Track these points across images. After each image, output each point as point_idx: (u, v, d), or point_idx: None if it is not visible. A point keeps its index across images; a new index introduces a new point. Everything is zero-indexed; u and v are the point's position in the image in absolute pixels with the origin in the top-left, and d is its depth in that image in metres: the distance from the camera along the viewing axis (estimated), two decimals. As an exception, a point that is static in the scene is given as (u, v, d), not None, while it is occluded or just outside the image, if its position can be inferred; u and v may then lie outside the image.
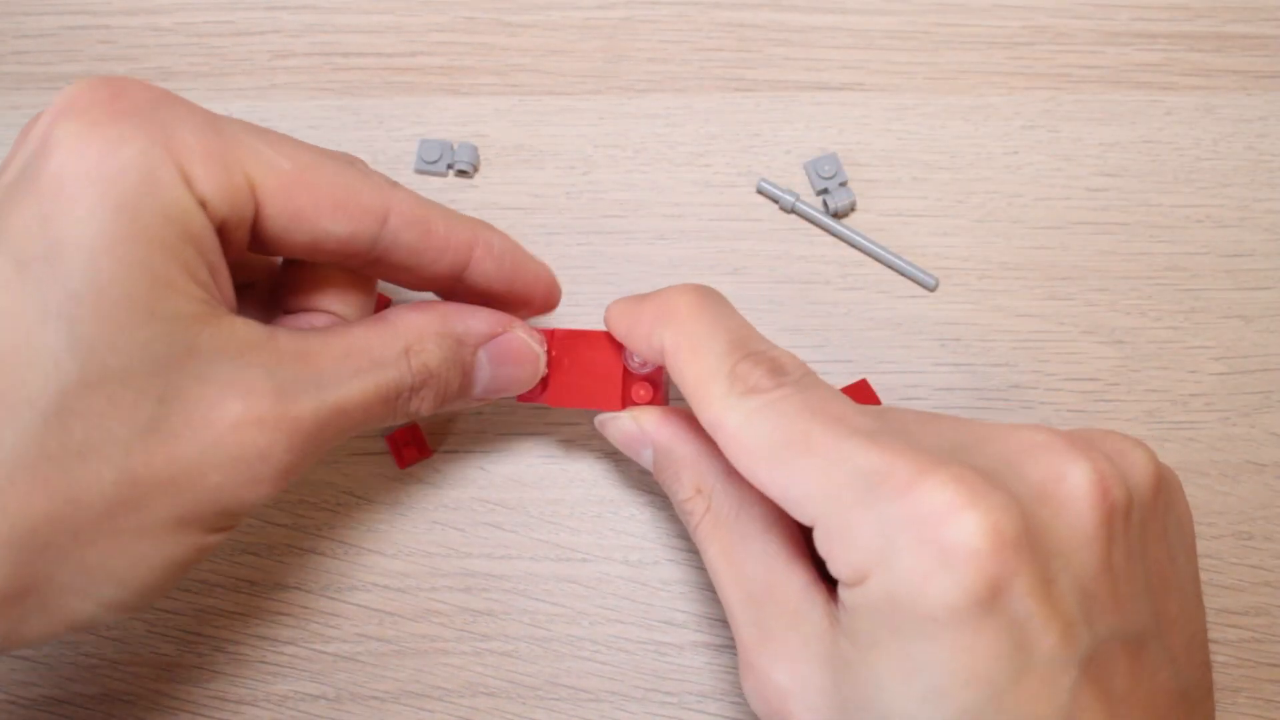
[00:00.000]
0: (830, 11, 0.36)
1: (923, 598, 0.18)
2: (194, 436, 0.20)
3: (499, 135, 0.35)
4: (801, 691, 0.21)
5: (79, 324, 0.18)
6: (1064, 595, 0.19)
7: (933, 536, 0.18)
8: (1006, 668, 0.18)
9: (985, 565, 0.18)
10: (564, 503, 0.31)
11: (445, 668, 0.29)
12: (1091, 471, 0.20)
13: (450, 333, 0.25)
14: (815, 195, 0.34)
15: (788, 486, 0.20)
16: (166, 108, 0.20)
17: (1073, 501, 0.20)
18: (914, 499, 0.19)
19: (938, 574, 0.18)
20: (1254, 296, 0.33)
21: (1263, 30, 0.36)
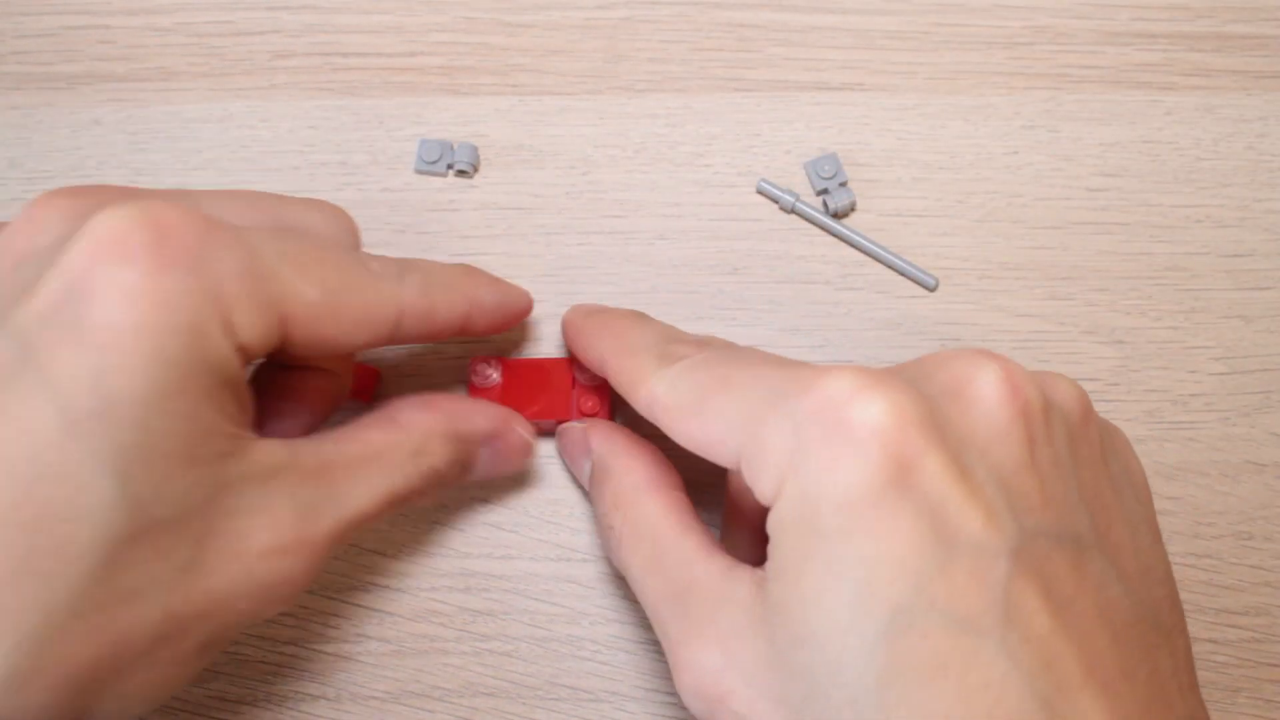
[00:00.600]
0: (830, 11, 0.36)
1: (832, 487, 0.18)
2: (226, 570, 0.21)
3: (499, 135, 0.35)
4: (733, 663, 0.20)
5: (129, 480, 0.19)
6: (982, 483, 0.19)
7: (835, 421, 0.18)
8: (929, 554, 0.18)
9: (890, 441, 0.18)
10: (564, 503, 0.31)
11: (445, 668, 0.29)
12: (999, 371, 0.20)
13: (456, 434, 0.26)
14: (815, 195, 0.34)
15: (710, 428, 0.21)
16: (210, 249, 0.20)
17: (981, 399, 0.20)
18: (817, 392, 0.19)
19: (843, 458, 0.18)
20: (1254, 296, 0.33)
21: (1263, 30, 0.36)
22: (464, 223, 0.34)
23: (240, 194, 0.25)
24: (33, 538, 0.18)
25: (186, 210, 0.20)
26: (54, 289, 0.19)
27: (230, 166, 0.35)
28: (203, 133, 0.35)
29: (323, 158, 0.35)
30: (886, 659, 0.18)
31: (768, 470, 0.20)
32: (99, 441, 0.18)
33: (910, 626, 0.17)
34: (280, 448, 0.22)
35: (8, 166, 0.35)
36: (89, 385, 0.18)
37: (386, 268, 0.25)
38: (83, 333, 0.18)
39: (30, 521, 0.18)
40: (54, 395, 0.18)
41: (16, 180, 0.35)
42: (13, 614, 0.18)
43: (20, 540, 0.18)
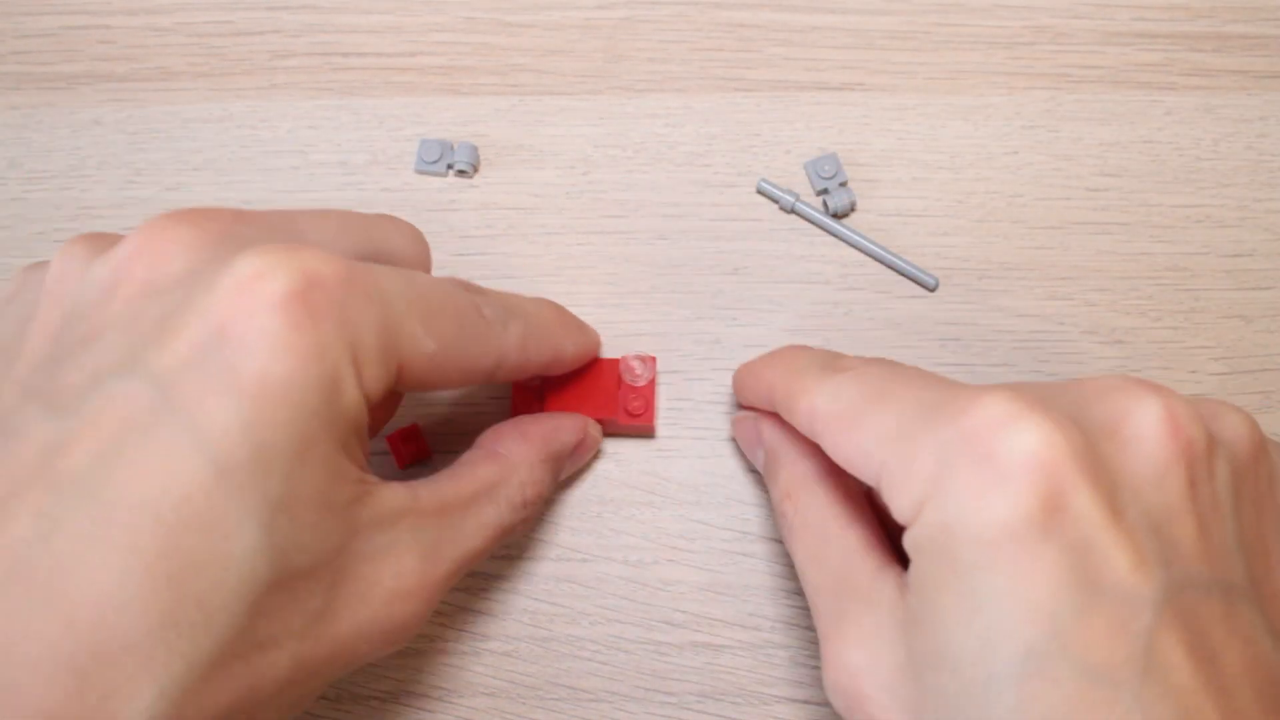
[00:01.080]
0: (830, 11, 0.36)
1: (975, 518, 0.18)
2: (354, 617, 0.21)
3: (499, 135, 0.35)
4: (874, 668, 0.20)
5: (274, 530, 0.19)
6: (1134, 526, 0.18)
7: (984, 451, 0.18)
8: (1069, 598, 0.17)
9: (1039, 478, 0.17)
10: (564, 503, 0.31)
11: (445, 668, 0.29)
12: (1162, 409, 0.19)
13: (552, 456, 0.28)
14: (815, 195, 0.34)
15: (862, 440, 0.21)
16: (352, 303, 0.20)
17: (1140, 438, 0.19)
18: (968, 418, 0.18)
19: (989, 490, 0.17)
20: (1254, 296, 0.33)
21: (1263, 30, 0.36)
22: (464, 223, 0.34)
23: (332, 215, 0.25)
24: (180, 588, 0.18)
25: (330, 258, 0.20)
26: (197, 333, 0.19)
27: (230, 166, 0.35)
28: (203, 133, 0.35)
29: (323, 158, 0.35)
30: (1015, 700, 0.17)
31: (908, 490, 0.19)
32: (248, 492, 0.18)
33: (1041, 671, 0.17)
34: (403, 490, 0.23)
35: (8, 166, 0.35)
36: (239, 436, 0.18)
37: (496, 314, 0.25)
38: (231, 381, 0.18)
39: (177, 572, 0.18)
40: (203, 444, 0.18)
41: (16, 180, 0.35)
42: (159, 664, 0.18)
43: (167, 592, 0.18)
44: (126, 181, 0.34)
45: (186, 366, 0.18)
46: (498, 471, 0.26)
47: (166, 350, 0.19)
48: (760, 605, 0.30)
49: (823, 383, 0.23)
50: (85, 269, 0.21)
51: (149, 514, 0.17)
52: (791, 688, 0.29)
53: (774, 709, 0.29)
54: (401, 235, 0.27)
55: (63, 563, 0.17)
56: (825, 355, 0.26)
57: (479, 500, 0.25)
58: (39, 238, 0.34)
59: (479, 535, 0.25)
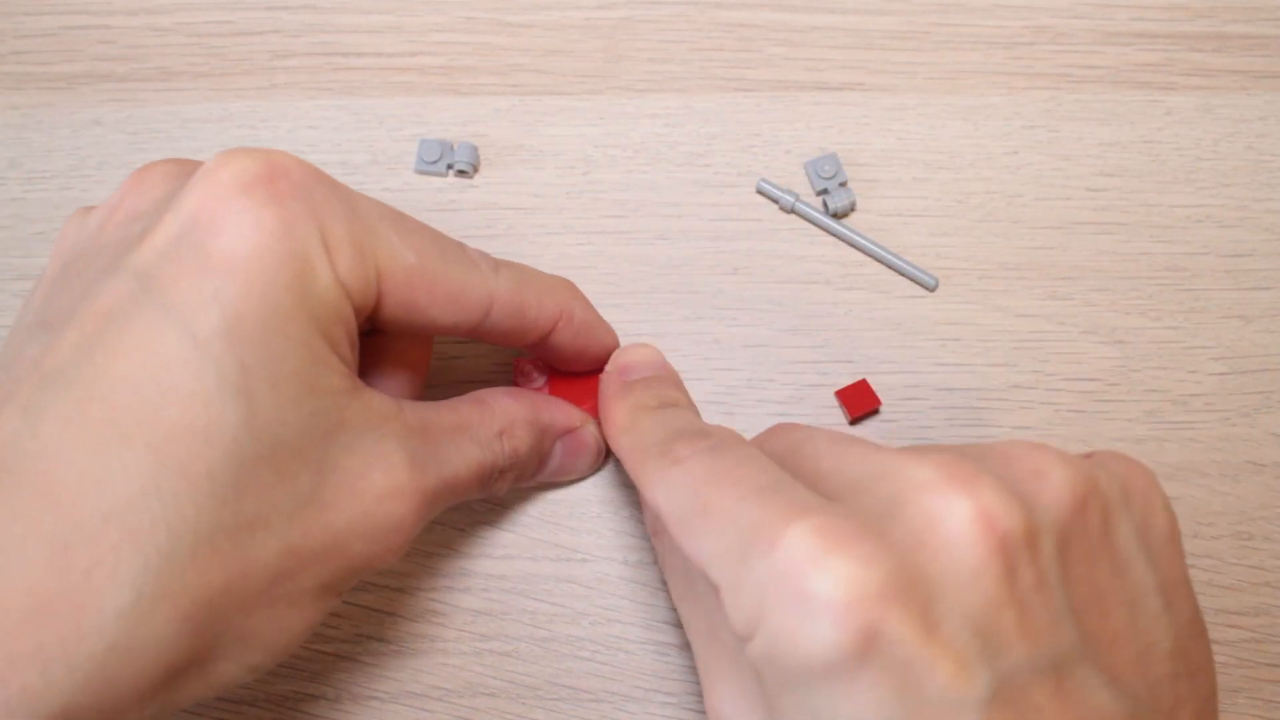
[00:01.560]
0: (830, 11, 0.36)
1: (795, 653, 0.18)
2: (344, 507, 0.21)
3: (499, 135, 0.35)
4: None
5: (255, 399, 0.19)
6: (953, 634, 0.18)
7: (795, 590, 0.18)
8: (897, 713, 0.17)
9: (849, 615, 0.18)
10: (564, 503, 0.31)
11: (445, 668, 0.29)
12: (970, 510, 0.19)
13: (538, 422, 0.27)
14: (815, 195, 0.34)
15: (698, 551, 0.21)
16: (318, 191, 0.21)
17: (950, 544, 0.19)
18: (778, 554, 0.18)
19: (804, 628, 0.18)
20: (1254, 296, 0.33)
21: (1263, 30, 0.36)
22: (464, 223, 0.34)
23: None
24: (161, 456, 0.18)
25: (299, 159, 0.21)
26: (171, 226, 0.20)
27: (230, 166, 0.35)
28: (203, 133, 0.35)
29: (323, 158, 0.35)
30: None
31: (737, 614, 0.19)
32: (224, 360, 0.19)
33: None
34: (388, 400, 0.23)
35: (8, 166, 0.35)
36: (212, 307, 0.19)
37: (483, 258, 0.25)
38: (203, 260, 0.19)
39: (158, 442, 0.18)
40: (178, 319, 0.19)
41: (16, 180, 0.35)
42: (142, 535, 0.18)
43: (148, 460, 0.18)
44: (126, 181, 0.35)
45: (163, 256, 0.19)
46: (481, 414, 0.26)
47: (146, 246, 0.20)
48: (760, 605, 0.30)
49: (659, 476, 0.23)
50: (81, 221, 0.23)
51: (127, 388, 0.18)
52: (791, 688, 0.29)
53: (774, 709, 0.29)
54: None
55: (48, 446, 0.18)
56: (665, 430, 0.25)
57: (460, 432, 0.25)
58: (39, 238, 0.34)
59: (460, 464, 0.25)
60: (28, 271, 0.33)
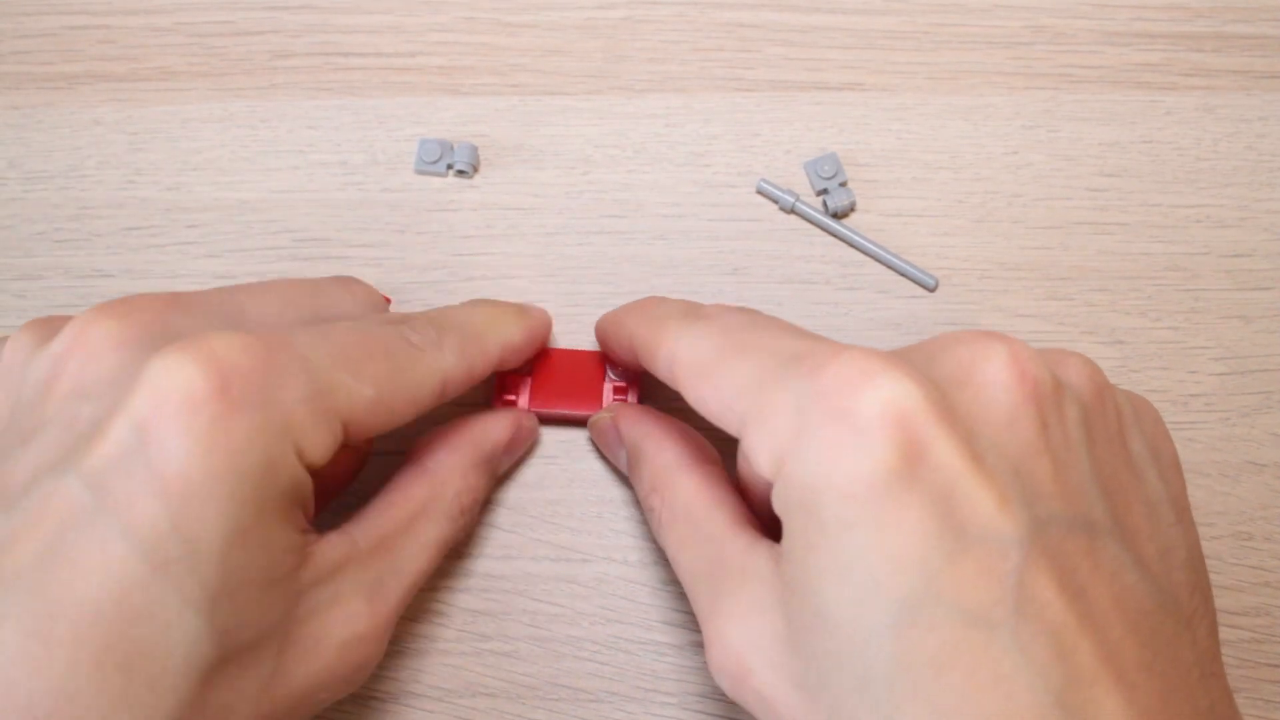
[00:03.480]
0: (830, 11, 0.36)
1: (837, 475, 0.18)
2: (307, 670, 0.22)
3: (499, 135, 0.35)
4: (755, 642, 0.20)
5: (215, 613, 0.19)
6: (994, 469, 0.18)
7: (841, 407, 0.18)
8: (938, 546, 0.17)
9: (897, 428, 0.17)
10: (564, 503, 0.31)
11: (445, 668, 0.29)
12: (1007, 356, 0.19)
13: (483, 459, 0.28)
14: (815, 195, 0.34)
15: (721, 392, 0.21)
16: (275, 380, 0.20)
17: (989, 383, 0.19)
18: (825, 374, 0.18)
19: (849, 446, 0.18)
20: (1254, 296, 0.33)
21: (1263, 30, 0.36)
22: (464, 223, 0.34)
23: (274, 288, 0.25)
24: (128, 675, 0.18)
25: (247, 342, 0.20)
26: (122, 434, 0.19)
27: (230, 166, 0.35)
28: (203, 133, 0.35)
29: (323, 158, 0.35)
30: (895, 650, 0.17)
31: (768, 446, 0.19)
32: (185, 583, 0.19)
33: (918, 619, 0.17)
34: (341, 540, 0.23)
35: (8, 166, 0.35)
36: (169, 535, 0.19)
37: (426, 336, 0.25)
38: (157, 482, 0.19)
39: (124, 661, 0.18)
40: (136, 543, 0.18)
41: (16, 180, 0.35)
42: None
43: (117, 679, 0.18)
44: (126, 181, 0.34)
45: (114, 469, 0.19)
46: (430, 488, 0.26)
47: (95, 452, 0.19)
48: (760, 605, 0.30)
49: (682, 331, 0.23)
50: (28, 361, 0.22)
51: (91, 609, 0.18)
52: (791, 688, 0.29)
53: (774, 709, 0.29)
54: (351, 297, 0.27)
55: (12, 658, 0.18)
56: (686, 304, 0.26)
57: (416, 522, 0.25)
58: (39, 237, 0.34)
59: (422, 557, 0.25)
60: (28, 271, 0.33)
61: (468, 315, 0.27)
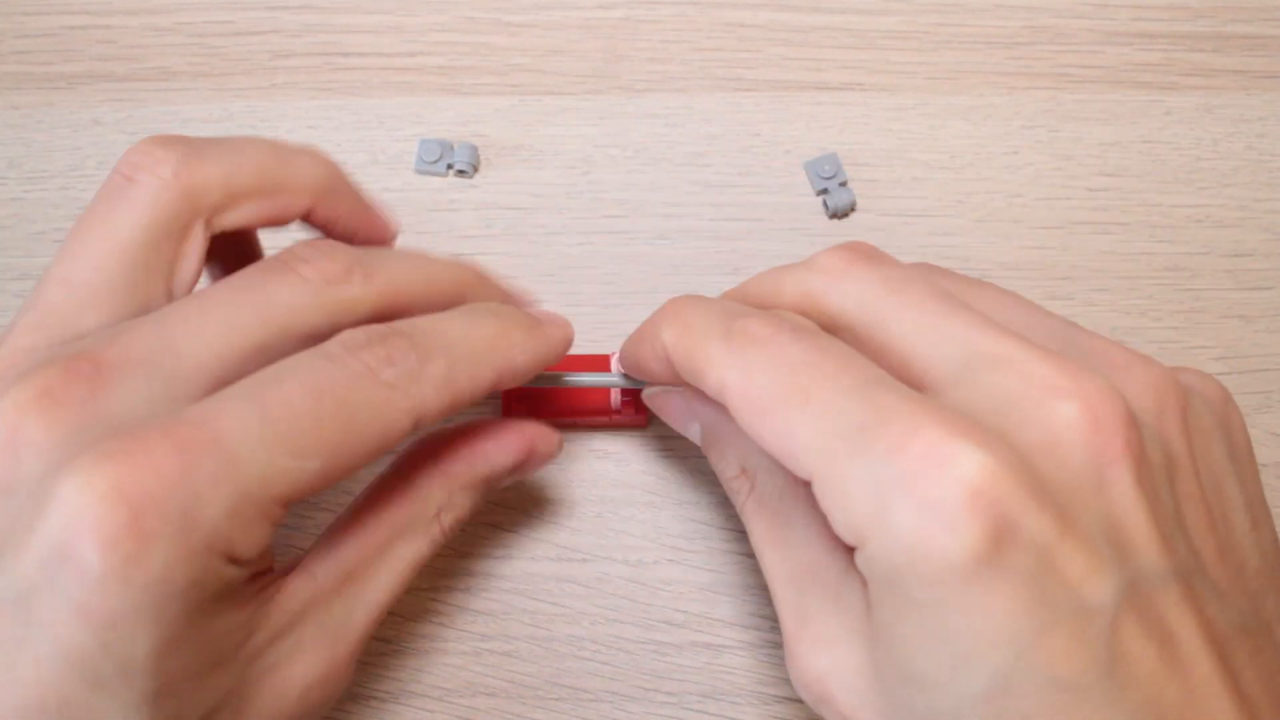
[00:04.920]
0: (830, 11, 0.36)
1: (925, 561, 0.17)
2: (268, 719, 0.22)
3: (499, 135, 0.35)
4: (840, 672, 0.20)
5: (160, 711, 0.19)
6: (1085, 532, 0.18)
7: (924, 492, 0.17)
8: (1029, 622, 0.17)
9: (983, 511, 0.17)
10: (564, 503, 0.31)
11: (445, 668, 0.29)
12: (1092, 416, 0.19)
13: (479, 482, 0.25)
14: (815, 195, 0.34)
15: (787, 438, 0.20)
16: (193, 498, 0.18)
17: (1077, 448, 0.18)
18: (903, 453, 0.18)
19: (934, 532, 0.17)
20: (1254, 296, 0.33)
21: (1263, 30, 0.36)
22: (464, 223, 0.34)
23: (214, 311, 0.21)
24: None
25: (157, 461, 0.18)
26: (42, 553, 0.18)
27: (230, 166, 0.34)
28: (202, 133, 0.35)
29: (323, 158, 0.35)
30: (987, 714, 0.18)
31: (848, 515, 0.19)
32: (121, 693, 0.19)
33: (1009, 689, 0.17)
34: (302, 584, 0.22)
35: (7, 166, 0.35)
36: (100, 655, 0.18)
37: (402, 366, 0.21)
38: (80, 609, 0.18)
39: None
40: (70, 662, 0.18)
41: (16, 180, 0.35)
42: None
43: None
44: (126, 181, 0.34)
45: (37, 588, 0.18)
46: (411, 507, 0.24)
47: (20, 565, 0.18)
48: (760, 605, 0.30)
49: (730, 356, 0.21)
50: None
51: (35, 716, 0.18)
52: (791, 687, 0.29)
53: (774, 709, 0.29)
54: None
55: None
56: (724, 310, 0.23)
57: (391, 545, 0.24)
58: (39, 238, 0.34)
59: (394, 583, 0.24)
60: (28, 271, 0.33)
61: (465, 331, 0.23)
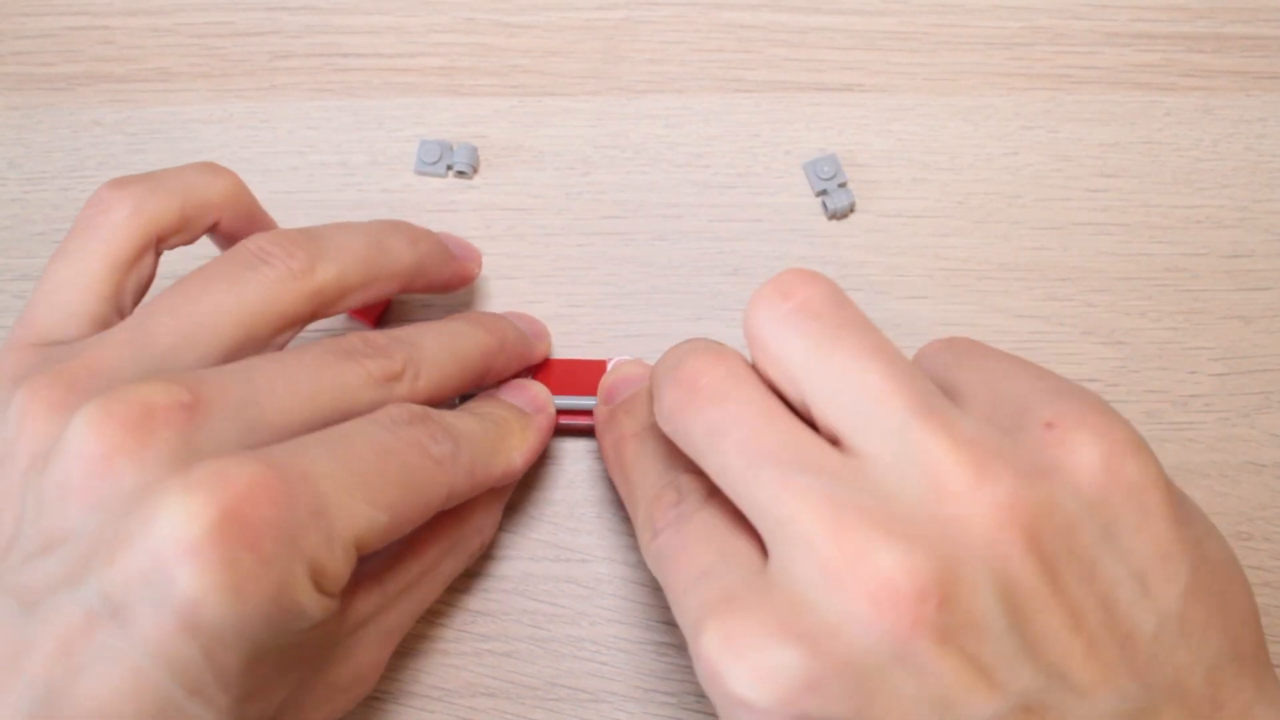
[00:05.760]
0: (830, 12, 0.36)
1: None
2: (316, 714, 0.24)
3: (499, 135, 0.35)
4: None
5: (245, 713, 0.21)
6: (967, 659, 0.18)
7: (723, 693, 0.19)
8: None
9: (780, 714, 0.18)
10: (564, 503, 0.31)
11: (445, 668, 0.29)
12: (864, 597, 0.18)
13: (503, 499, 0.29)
14: (815, 196, 0.34)
15: None
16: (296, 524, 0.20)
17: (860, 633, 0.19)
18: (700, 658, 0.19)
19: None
20: (1254, 297, 0.33)
21: (1263, 30, 0.36)
22: (464, 223, 0.34)
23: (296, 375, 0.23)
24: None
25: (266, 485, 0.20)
26: (139, 565, 0.19)
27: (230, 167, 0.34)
28: (202, 133, 0.35)
29: (323, 158, 0.35)
30: None
31: None
32: (215, 697, 0.20)
33: None
34: (375, 594, 0.25)
35: (7, 167, 0.35)
36: (202, 663, 0.19)
37: (444, 448, 0.24)
38: (185, 621, 0.19)
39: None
40: (170, 672, 0.19)
41: (16, 180, 0.35)
42: None
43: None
44: (126, 182, 0.34)
45: (135, 597, 0.19)
46: (460, 526, 0.27)
47: (114, 577, 0.19)
48: (760, 606, 0.30)
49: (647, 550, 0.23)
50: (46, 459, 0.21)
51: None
52: (791, 688, 0.29)
53: (774, 709, 0.29)
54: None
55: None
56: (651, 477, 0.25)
57: (441, 561, 0.27)
58: (39, 238, 0.34)
59: (435, 593, 0.28)
60: (28, 272, 0.34)
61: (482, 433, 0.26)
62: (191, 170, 0.27)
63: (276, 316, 0.24)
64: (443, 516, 0.26)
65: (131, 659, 0.19)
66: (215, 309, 0.24)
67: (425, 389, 0.25)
